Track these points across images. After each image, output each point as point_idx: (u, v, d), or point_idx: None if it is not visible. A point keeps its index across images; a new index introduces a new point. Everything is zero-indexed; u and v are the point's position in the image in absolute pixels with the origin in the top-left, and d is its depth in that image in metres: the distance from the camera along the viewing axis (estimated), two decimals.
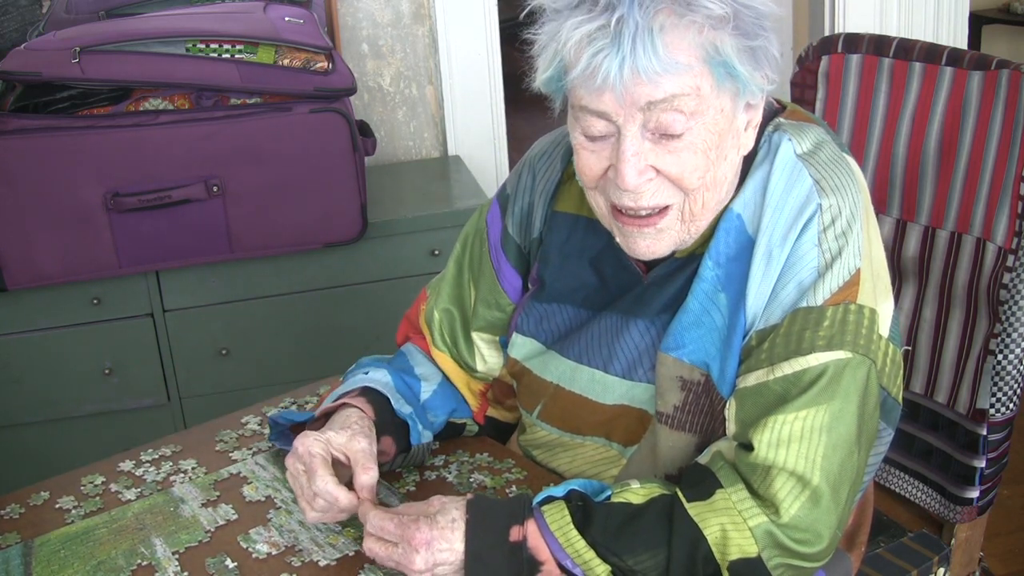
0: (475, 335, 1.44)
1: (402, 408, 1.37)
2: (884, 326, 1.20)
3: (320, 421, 1.37)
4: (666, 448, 1.25)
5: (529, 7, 1.19)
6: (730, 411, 1.20)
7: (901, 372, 1.26)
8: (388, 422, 1.35)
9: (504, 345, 1.43)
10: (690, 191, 1.18)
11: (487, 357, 1.45)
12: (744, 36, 1.13)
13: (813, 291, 1.17)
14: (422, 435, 1.38)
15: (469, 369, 1.46)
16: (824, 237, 1.17)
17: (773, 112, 1.26)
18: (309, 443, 1.25)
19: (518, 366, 1.39)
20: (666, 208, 1.19)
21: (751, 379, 1.18)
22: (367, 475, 1.25)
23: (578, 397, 1.32)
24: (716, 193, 1.20)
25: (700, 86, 1.13)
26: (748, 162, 1.23)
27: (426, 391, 1.43)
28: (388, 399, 1.37)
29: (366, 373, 1.41)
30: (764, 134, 1.23)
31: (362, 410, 1.34)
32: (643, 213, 1.19)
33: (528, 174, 1.39)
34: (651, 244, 1.22)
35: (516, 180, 1.41)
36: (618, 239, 1.25)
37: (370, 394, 1.37)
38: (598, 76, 1.11)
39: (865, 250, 1.19)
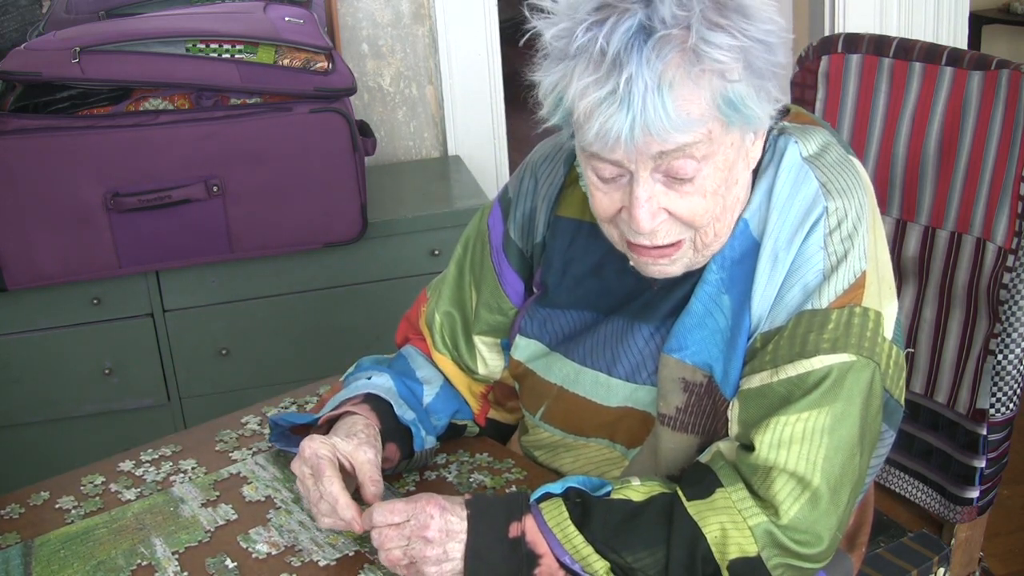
0: (476, 338, 1.44)
1: (405, 414, 1.37)
2: (888, 329, 1.20)
3: (323, 428, 1.37)
4: (667, 449, 1.25)
5: (528, 34, 1.17)
6: (733, 412, 1.20)
7: (904, 374, 1.26)
8: (392, 429, 1.35)
9: (506, 348, 1.43)
10: (700, 228, 1.18)
11: (488, 360, 1.44)
12: (755, 76, 1.12)
13: (818, 294, 1.17)
14: (425, 440, 1.38)
15: (470, 372, 1.46)
16: (830, 240, 1.17)
17: (777, 116, 1.25)
18: (316, 446, 1.25)
19: (521, 367, 1.39)
20: (679, 241, 1.19)
21: (755, 381, 1.18)
22: (376, 487, 1.25)
23: (581, 399, 1.32)
24: (727, 219, 1.19)
25: (711, 130, 1.12)
26: (755, 166, 1.23)
27: (428, 395, 1.43)
28: (391, 405, 1.37)
29: (369, 378, 1.41)
30: (769, 138, 1.23)
31: (367, 418, 1.33)
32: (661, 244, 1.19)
33: (530, 179, 1.39)
34: (663, 268, 1.22)
35: (518, 184, 1.40)
36: (632, 263, 1.24)
37: (373, 401, 1.36)
38: (609, 137, 1.10)
39: (871, 252, 1.19)
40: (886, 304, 1.20)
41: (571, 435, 1.35)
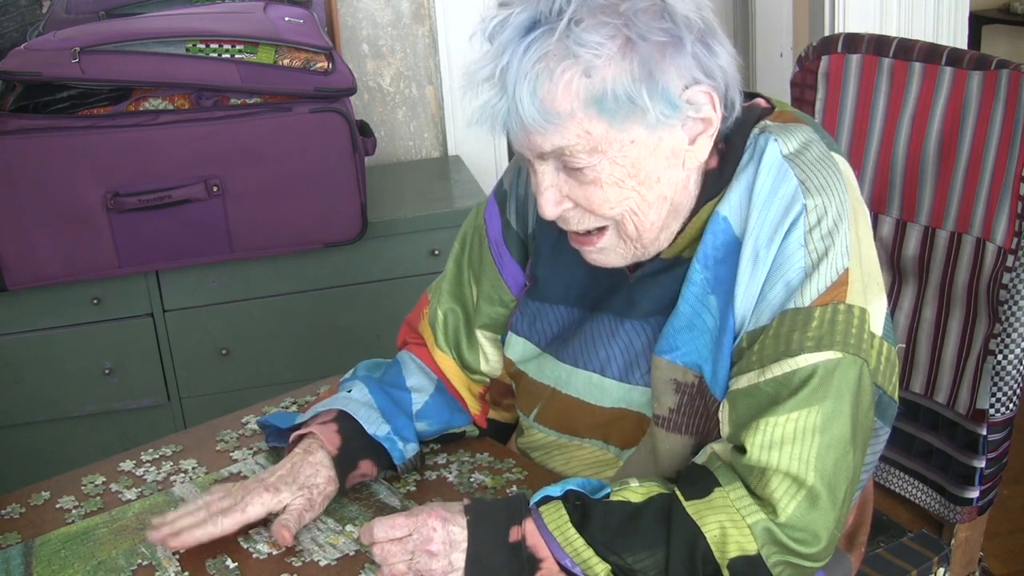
0: (479, 333, 1.44)
1: (378, 430, 1.36)
2: (876, 324, 1.20)
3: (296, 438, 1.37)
4: (664, 450, 1.25)
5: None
6: (723, 413, 1.20)
7: (897, 370, 1.26)
8: (364, 446, 1.35)
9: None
10: (611, 218, 1.19)
11: (490, 356, 1.44)
12: (643, 68, 1.12)
13: (801, 292, 1.17)
14: (405, 451, 1.37)
15: (471, 371, 1.46)
16: (810, 238, 1.17)
17: (760, 114, 1.25)
18: (257, 501, 1.27)
19: (514, 368, 1.39)
20: (603, 229, 1.21)
21: (742, 381, 1.18)
22: (282, 535, 1.24)
23: (575, 400, 1.32)
24: (650, 215, 1.20)
25: (590, 130, 1.13)
26: (733, 166, 1.23)
27: (417, 403, 1.42)
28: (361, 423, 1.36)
29: (349, 391, 1.41)
30: (750, 136, 1.23)
31: (327, 441, 1.32)
32: (581, 232, 1.22)
33: (525, 169, 1.40)
34: (599, 258, 1.25)
35: (514, 176, 1.41)
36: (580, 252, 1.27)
37: (343, 420, 1.36)
38: (489, 121, 1.15)
39: (854, 249, 1.18)
40: (872, 300, 1.20)
41: (565, 436, 1.35)
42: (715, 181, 1.23)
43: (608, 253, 1.23)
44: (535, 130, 1.13)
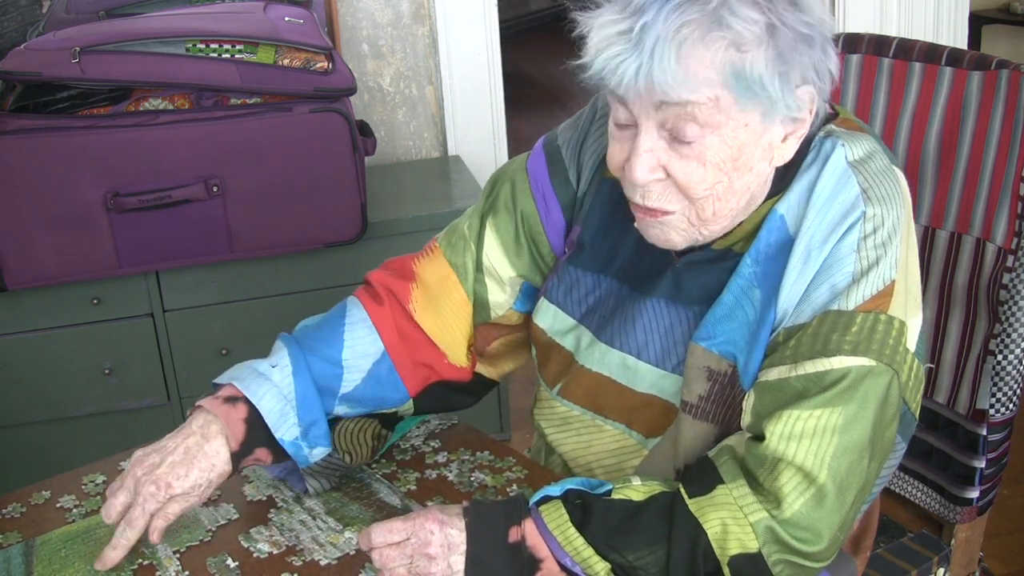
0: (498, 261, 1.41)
1: (285, 435, 1.29)
2: (912, 341, 1.20)
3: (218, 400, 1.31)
4: (687, 438, 1.25)
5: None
6: (747, 403, 1.20)
7: (922, 388, 1.26)
8: (267, 436, 1.29)
9: (525, 292, 1.41)
10: (696, 200, 1.18)
11: (494, 291, 1.41)
12: (779, 57, 1.13)
13: (846, 295, 1.17)
14: (311, 456, 1.31)
15: (479, 309, 1.41)
16: (864, 244, 1.17)
17: (825, 118, 1.25)
18: (151, 496, 1.23)
19: (545, 337, 1.38)
20: (671, 211, 1.20)
21: (773, 374, 1.18)
22: (154, 534, 1.23)
23: (606, 379, 1.32)
24: (731, 202, 1.20)
25: (719, 97, 1.13)
26: (796, 166, 1.23)
27: (348, 384, 1.36)
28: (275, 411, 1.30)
29: (273, 366, 1.34)
30: (815, 139, 1.23)
31: (225, 428, 1.27)
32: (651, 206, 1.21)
33: (582, 132, 1.38)
34: (659, 234, 1.23)
35: (572, 132, 1.39)
36: (637, 226, 1.25)
37: (253, 407, 1.29)
38: (614, 78, 1.12)
39: (902, 263, 1.19)
40: (911, 316, 1.20)
41: (588, 412, 1.34)
42: (778, 180, 1.23)
43: (668, 231, 1.22)
44: (663, 91, 1.11)
